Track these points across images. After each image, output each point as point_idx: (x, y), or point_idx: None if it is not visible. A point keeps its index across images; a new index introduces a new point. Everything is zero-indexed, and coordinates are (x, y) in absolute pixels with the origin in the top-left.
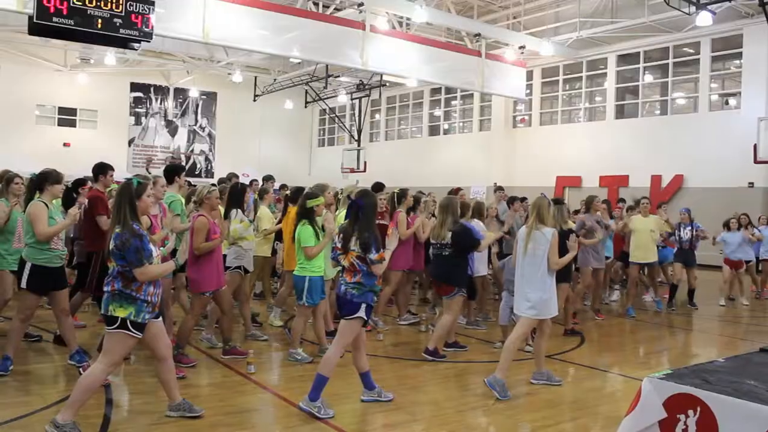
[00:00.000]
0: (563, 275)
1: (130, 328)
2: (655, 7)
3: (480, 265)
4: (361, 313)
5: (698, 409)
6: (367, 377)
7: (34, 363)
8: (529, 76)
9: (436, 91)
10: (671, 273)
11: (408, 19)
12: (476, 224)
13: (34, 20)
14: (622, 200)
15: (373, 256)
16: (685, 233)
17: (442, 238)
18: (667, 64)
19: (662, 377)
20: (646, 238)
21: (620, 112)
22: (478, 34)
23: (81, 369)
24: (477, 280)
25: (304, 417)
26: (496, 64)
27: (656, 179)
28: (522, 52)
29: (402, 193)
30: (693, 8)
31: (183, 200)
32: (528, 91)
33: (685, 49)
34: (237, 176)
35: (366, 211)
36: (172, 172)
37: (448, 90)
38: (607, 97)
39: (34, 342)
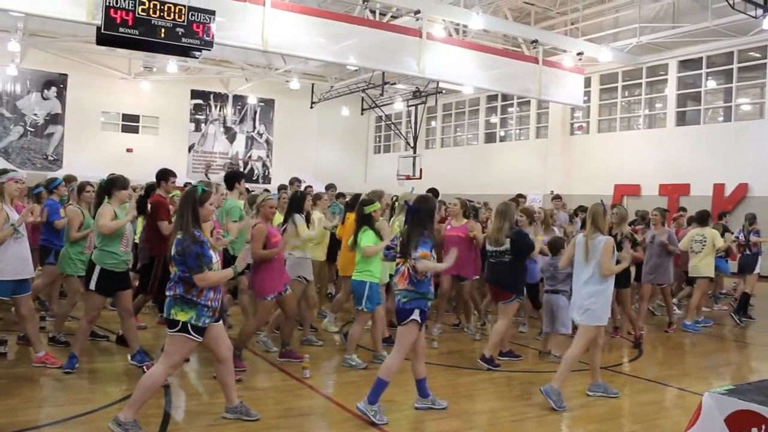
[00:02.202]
0: (623, 281)
1: (191, 331)
2: (719, 10)
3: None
4: (415, 316)
5: (763, 427)
6: (423, 384)
7: (98, 362)
8: (587, 82)
9: (492, 98)
10: (734, 285)
11: (464, 26)
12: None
13: (102, 31)
14: (683, 209)
15: (416, 254)
16: (742, 237)
17: (500, 244)
18: (732, 69)
19: (724, 393)
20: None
21: (681, 119)
22: (536, 41)
23: (144, 368)
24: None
25: (358, 422)
26: (554, 71)
27: (719, 188)
28: (580, 59)
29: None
30: (759, 11)
31: (242, 207)
32: (586, 98)
33: (750, 53)
34: (300, 181)
35: (421, 215)
36: (233, 178)
37: (505, 97)
38: (668, 103)
39: (101, 341)
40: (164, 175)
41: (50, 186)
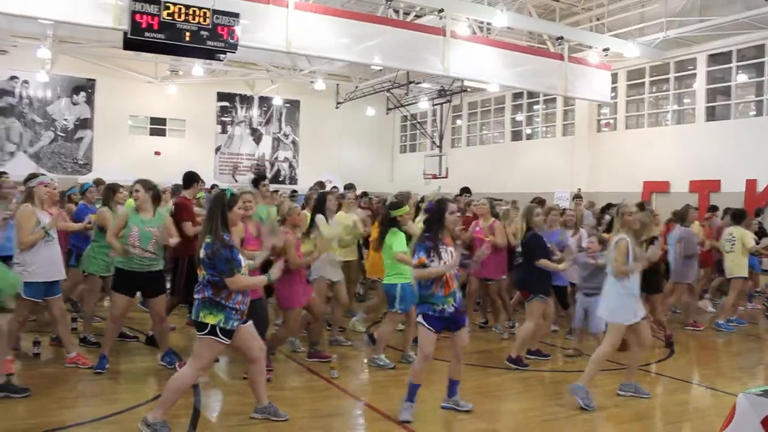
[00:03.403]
0: (654, 286)
1: (219, 334)
2: (749, 2)
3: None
4: (419, 320)
5: None
6: (452, 385)
7: (128, 362)
8: (614, 78)
9: (518, 95)
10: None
11: (488, 24)
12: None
13: (129, 36)
14: (714, 207)
15: (414, 260)
16: None
17: (519, 245)
18: (763, 62)
19: (760, 393)
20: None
21: (711, 114)
22: (561, 38)
23: (178, 366)
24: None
25: (386, 422)
26: (580, 68)
27: (751, 184)
28: (606, 55)
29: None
30: None
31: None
32: (613, 94)
33: None
34: (323, 184)
35: (429, 219)
36: (256, 181)
37: (531, 94)
38: (697, 98)
39: (129, 341)
40: (192, 178)
41: (81, 190)
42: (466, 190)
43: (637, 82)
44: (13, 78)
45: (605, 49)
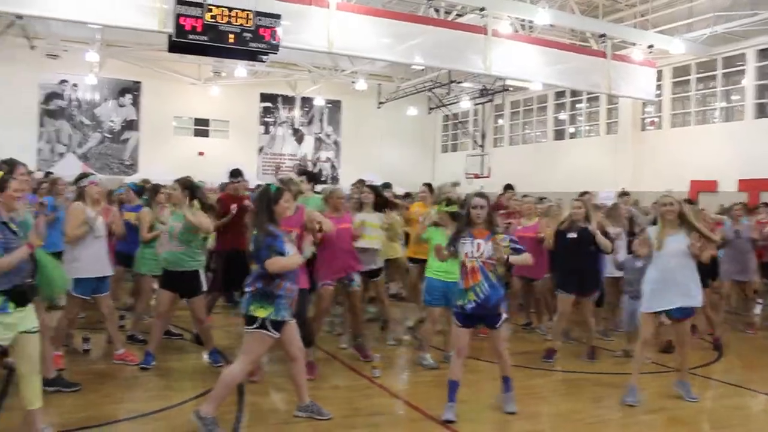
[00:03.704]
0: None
1: (269, 327)
2: None
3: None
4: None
5: None
6: (503, 382)
7: (174, 360)
8: (659, 76)
9: (560, 94)
10: None
11: (530, 21)
12: (612, 229)
13: (173, 38)
14: (766, 204)
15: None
16: None
17: None
18: None
19: None
20: None
21: (761, 111)
22: (604, 35)
23: (223, 364)
24: (606, 282)
25: (428, 422)
26: (623, 65)
27: None
28: (650, 52)
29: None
30: None
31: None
32: (658, 91)
33: None
34: (364, 182)
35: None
36: (312, 178)
37: (574, 93)
38: (746, 95)
39: (175, 339)
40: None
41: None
42: (509, 187)
43: (683, 79)
44: (63, 81)
45: (650, 46)
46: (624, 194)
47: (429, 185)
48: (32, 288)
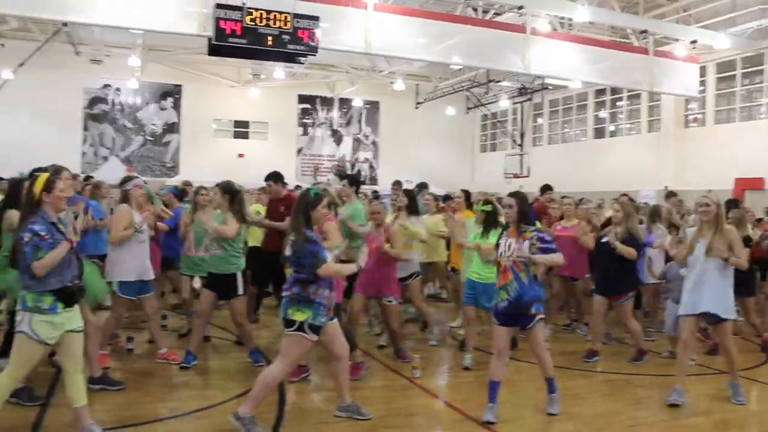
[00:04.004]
0: (746, 287)
1: (307, 330)
2: None
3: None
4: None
5: None
6: (546, 383)
7: (216, 359)
8: (702, 72)
9: (600, 92)
10: None
11: (570, 19)
12: (657, 229)
13: (213, 42)
14: None
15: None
16: None
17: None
18: None
19: None
20: None
21: None
22: (645, 31)
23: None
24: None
25: (468, 423)
26: (666, 62)
27: None
28: (694, 47)
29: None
30: None
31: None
32: (701, 88)
33: None
34: (400, 183)
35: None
36: (356, 183)
37: (614, 90)
38: None
39: (217, 340)
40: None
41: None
42: (547, 188)
43: (727, 74)
44: (106, 86)
45: (693, 42)
46: (671, 194)
47: (466, 192)
48: (80, 289)
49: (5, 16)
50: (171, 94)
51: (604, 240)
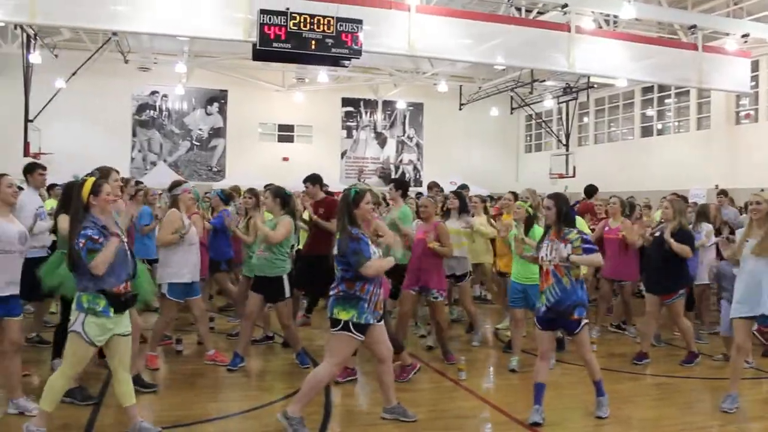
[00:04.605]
0: None
1: (353, 330)
2: None
3: (702, 272)
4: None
5: None
6: (594, 386)
7: (263, 361)
8: (755, 66)
9: (648, 89)
10: None
11: (615, 16)
12: (704, 228)
13: (258, 47)
14: None
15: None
16: None
17: None
18: None
19: None
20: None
21: None
22: (694, 26)
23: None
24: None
25: (515, 426)
26: (716, 57)
27: None
28: (745, 41)
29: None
30: None
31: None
32: (753, 83)
33: None
34: (438, 185)
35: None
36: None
37: (662, 88)
38: None
39: (266, 342)
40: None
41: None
42: (593, 189)
43: None
44: (154, 93)
45: (744, 36)
46: (722, 193)
47: (515, 194)
48: (133, 297)
49: (59, 27)
50: (217, 99)
51: (656, 235)
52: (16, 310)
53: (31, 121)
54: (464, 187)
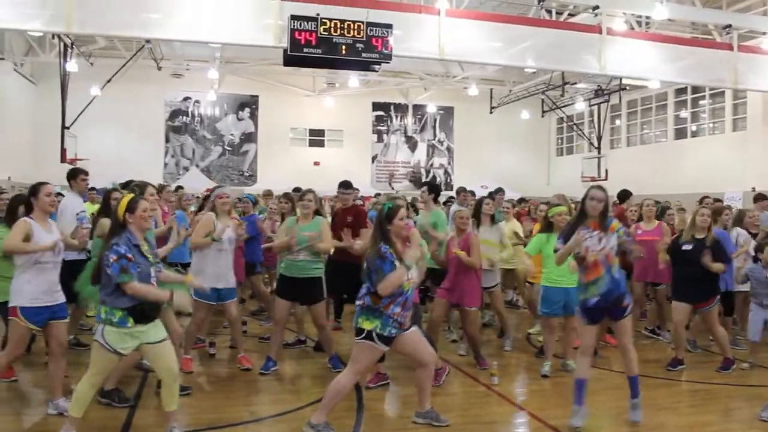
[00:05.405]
0: None
1: (376, 339)
2: None
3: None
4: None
5: None
6: (630, 383)
7: (296, 365)
8: None
9: (681, 91)
10: None
11: (647, 17)
12: (737, 232)
13: (288, 53)
14: None
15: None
16: None
17: None
18: None
19: None
20: None
21: None
22: (729, 26)
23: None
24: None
25: (547, 431)
26: (751, 57)
27: None
28: None
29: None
30: None
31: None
32: None
33: None
34: (466, 190)
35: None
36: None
37: (695, 89)
38: None
39: (299, 345)
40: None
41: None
42: (626, 194)
43: None
44: (186, 99)
45: None
46: (760, 197)
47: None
48: (156, 308)
49: (94, 36)
50: (248, 104)
51: (685, 248)
52: (61, 312)
53: (68, 127)
54: (499, 190)
